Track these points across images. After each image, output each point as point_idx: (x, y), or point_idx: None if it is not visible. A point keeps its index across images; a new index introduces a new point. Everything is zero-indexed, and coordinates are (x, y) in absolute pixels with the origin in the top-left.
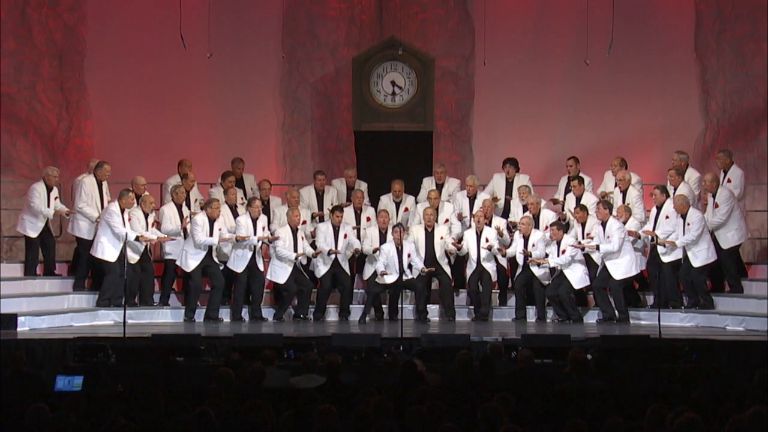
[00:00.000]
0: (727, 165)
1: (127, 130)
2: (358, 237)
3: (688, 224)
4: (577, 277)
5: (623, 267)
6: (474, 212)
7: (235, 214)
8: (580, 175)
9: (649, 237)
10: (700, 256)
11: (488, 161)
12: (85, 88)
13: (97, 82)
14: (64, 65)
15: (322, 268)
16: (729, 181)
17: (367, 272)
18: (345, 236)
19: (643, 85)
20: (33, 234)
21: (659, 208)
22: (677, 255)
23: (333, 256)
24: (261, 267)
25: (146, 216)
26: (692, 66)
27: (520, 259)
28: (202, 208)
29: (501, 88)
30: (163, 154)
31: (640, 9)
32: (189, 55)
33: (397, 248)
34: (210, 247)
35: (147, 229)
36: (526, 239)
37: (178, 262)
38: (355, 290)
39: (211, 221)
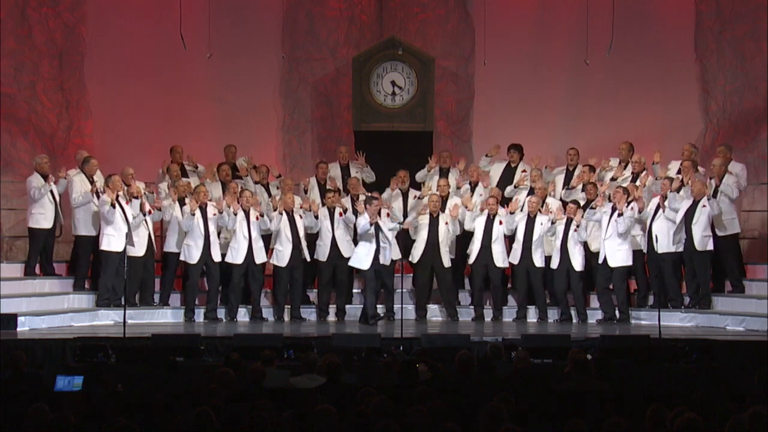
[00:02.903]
0: (726, 160)
1: (127, 130)
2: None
3: (703, 206)
4: (578, 260)
5: (622, 254)
6: (482, 198)
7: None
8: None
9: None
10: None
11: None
12: (85, 88)
13: (97, 82)
14: (64, 65)
15: (325, 238)
16: (730, 173)
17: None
18: (341, 214)
19: (643, 86)
20: (46, 224)
21: (664, 197)
22: (677, 248)
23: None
24: (258, 260)
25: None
26: (692, 66)
27: (520, 233)
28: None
29: (501, 88)
30: (163, 155)
31: (640, 9)
32: (189, 55)
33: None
34: (209, 241)
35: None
36: (532, 221)
37: (182, 257)
38: (354, 290)
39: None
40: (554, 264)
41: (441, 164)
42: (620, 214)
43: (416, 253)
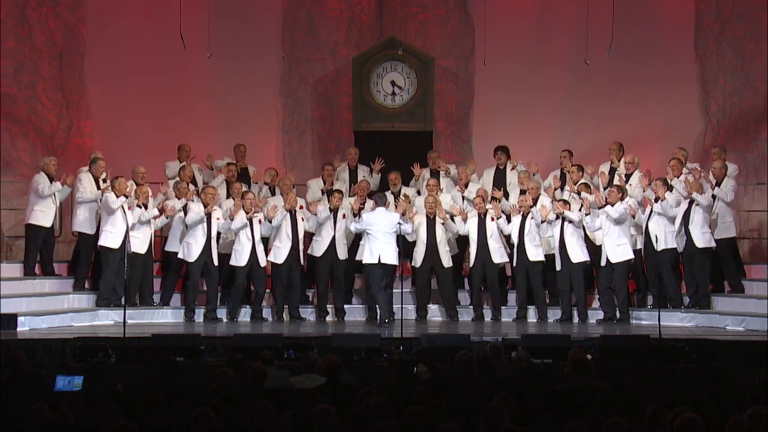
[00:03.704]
0: (724, 161)
1: (127, 130)
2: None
3: (696, 205)
4: (576, 252)
5: (621, 249)
6: (472, 198)
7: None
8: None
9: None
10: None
11: (488, 161)
12: (85, 88)
13: (97, 82)
14: (64, 65)
15: (324, 235)
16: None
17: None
18: (344, 216)
19: (643, 85)
20: (45, 223)
21: (657, 200)
22: (678, 247)
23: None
24: (263, 263)
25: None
26: (692, 66)
27: (515, 234)
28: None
29: (501, 88)
30: (163, 155)
31: (640, 9)
32: (189, 55)
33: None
34: (210, 242)
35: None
36: (524, 218)
37: (180, 255)
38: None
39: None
40: (557, 266)
41: (430, 166)
42: (606, 204)
43: (418, 257)
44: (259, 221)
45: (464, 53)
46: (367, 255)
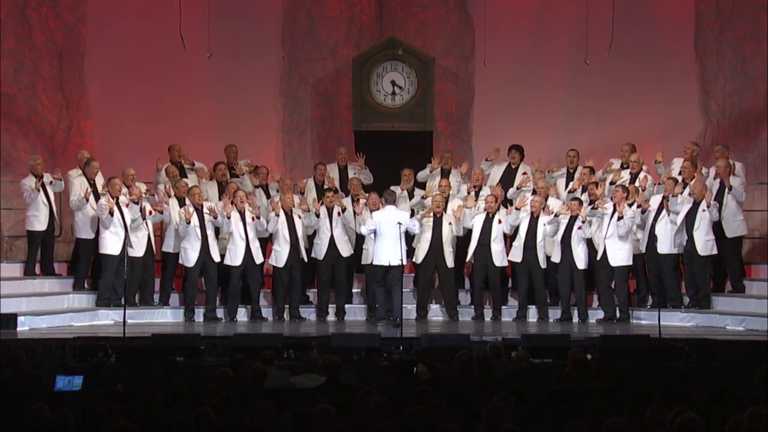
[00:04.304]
0: (727, 160)
1: (127, 130)
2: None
3: (703, 210)
4: (581, 259)
5: (623, 254)
6: (484, 197)
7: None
8: (590, 165)
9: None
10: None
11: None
12: (85, 88)
13: (97, 82)
14: (64, 65)
15: (323, 237)
16: (736, 175)
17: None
18: (339, 214)
19: (643, 85)
20: (39, 227)
21: (667, 198)
22: (678, 250)
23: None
24: (258, 260)
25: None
26: (692, 66)
27: (523, 230)
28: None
29: (501, 88)
30: (163, 155)
31: (640, 9)
32: (189, 55)
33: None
34: (207, 242)
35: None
36: (535, 220)
37: (180, 260)
38: (354, 290)
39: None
40: (555, 259)
41: (442, 165)
42: (620, 218)
43: (420, 253)
44: (252, 218)
45: (464, 53)
46: (374, 256)
